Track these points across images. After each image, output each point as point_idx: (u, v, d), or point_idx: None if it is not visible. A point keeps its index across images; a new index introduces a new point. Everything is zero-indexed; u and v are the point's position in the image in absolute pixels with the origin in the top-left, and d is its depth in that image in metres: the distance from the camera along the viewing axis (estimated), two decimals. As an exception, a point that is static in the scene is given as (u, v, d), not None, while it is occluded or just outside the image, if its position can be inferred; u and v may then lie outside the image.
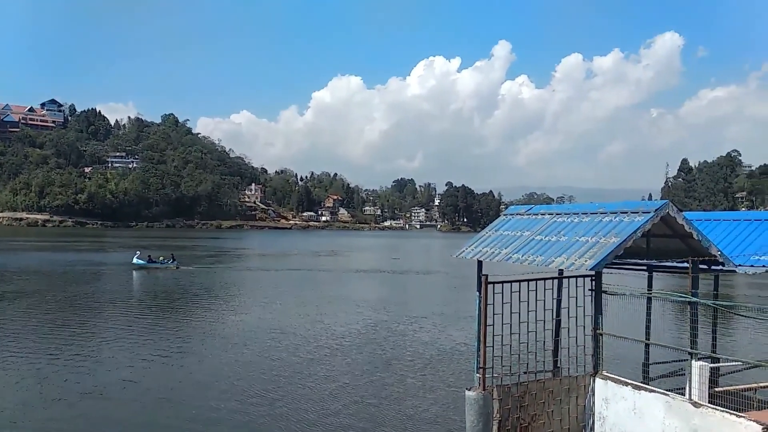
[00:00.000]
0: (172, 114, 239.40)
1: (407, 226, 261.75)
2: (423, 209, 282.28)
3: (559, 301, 9.41)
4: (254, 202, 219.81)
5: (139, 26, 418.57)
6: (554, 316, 9.34)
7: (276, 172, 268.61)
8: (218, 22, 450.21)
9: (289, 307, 28.16)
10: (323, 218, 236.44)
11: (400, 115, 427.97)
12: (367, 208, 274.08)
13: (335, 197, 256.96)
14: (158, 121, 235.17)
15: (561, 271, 8.93)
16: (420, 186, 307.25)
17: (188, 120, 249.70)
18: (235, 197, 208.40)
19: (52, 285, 35.07)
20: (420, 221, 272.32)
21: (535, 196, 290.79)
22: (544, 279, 8.66)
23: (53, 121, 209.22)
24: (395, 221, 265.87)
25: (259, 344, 19.87)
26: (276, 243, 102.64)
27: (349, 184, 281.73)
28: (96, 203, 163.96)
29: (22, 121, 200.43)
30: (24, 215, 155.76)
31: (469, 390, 8.38)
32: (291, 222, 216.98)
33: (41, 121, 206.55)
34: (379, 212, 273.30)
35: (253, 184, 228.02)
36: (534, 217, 9.66)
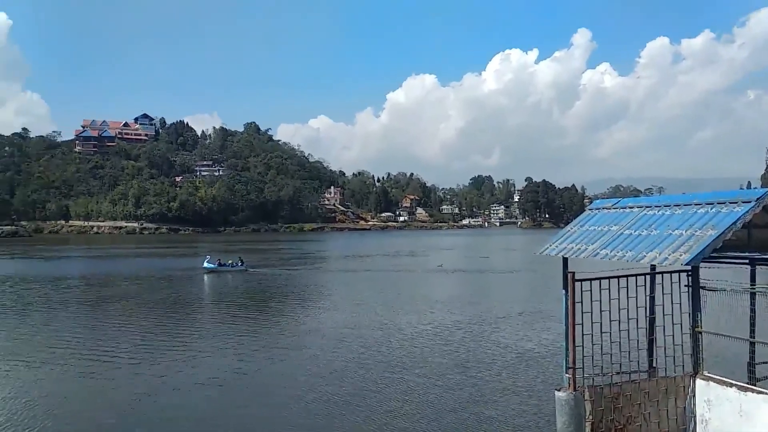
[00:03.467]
0: (253, 122, 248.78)
1: (486, 223, 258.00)
2: (502, 206, 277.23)
3: (652, 298, 8.97)
4: (334, 205, 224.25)
5: (221, 41, 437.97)
6: (647, 314, 8.91)
7: (353, 174, 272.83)
8: (295, 30, 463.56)
9: (367, 308, 28.47)
10: (401, 218, 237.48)
11: (476, 112, 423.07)
12: (444, 207, 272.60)
13: (412, 197, 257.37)
14: (241, 129, 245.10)
15: (653, 267, 8.51)
16: (498, 182, 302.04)
17: (270, 128, 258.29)
18: (316, 200, 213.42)
19: (145, 288, 37.40)
20: (499, 218, 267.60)
21: (621, 189, 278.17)
22: (636, 275, 8.28)
23: (146, 135, 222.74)
24: (474, 219, 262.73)
25: (335, 344, 20.27)
26: (355, 244, 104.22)
27: (425, 184, 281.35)
28: (187, 210, 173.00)
29: (118, 136, 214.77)
30: (123, 224, 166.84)
31: (559, 391, 8.15)
32: (370, 223, 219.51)
33: (135, 135, 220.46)
34: (456, 211, 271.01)
35: (332, 187, 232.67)
36: (622, 210, 9.26)
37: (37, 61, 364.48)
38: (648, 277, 8.79)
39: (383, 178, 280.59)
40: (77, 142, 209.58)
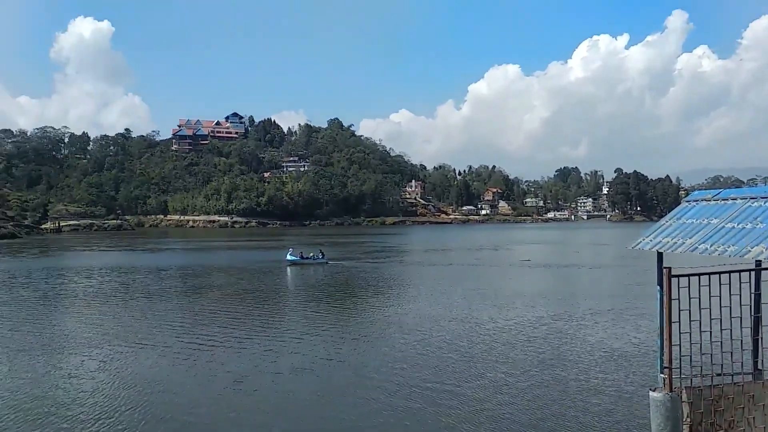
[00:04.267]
0: (337, 118, 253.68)
1: (573, 217, 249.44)
2: (590, 199, 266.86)
3: (758, 296, 8.35)
4: (415, 198, 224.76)
5: (305, 40, 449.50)
6: (752, 313, 8.31)
7: (434, 167, 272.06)
8: (375, 26, 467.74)
9: (448, 301, 28.31)
10: (483, 212, 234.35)
11: (562, 101, 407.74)
12: (528, 199, 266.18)
13: (494, 190, 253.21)
14: (325, 125, 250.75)
15: (759, 263, 7.92)
16: (586, 174, 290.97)
17: (352, 124, 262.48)
18: (397, 194, 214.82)
19: (236, 279, 39.12)
20: (587, 211, 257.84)
21: (721, 179, 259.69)
22: (740, 271, 7.76)
23: (236, 132, 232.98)
24: (559, 212, 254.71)
25: (415, 336, 20.29)
26: (436, 237, 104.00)
27: (508, 176, 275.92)
28: (275, 205, 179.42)
29: (211, 134, 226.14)
30: (216, 217, 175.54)
31: (654, 391, 7.79)
32: (451, 216, 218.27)
33: (226, 133, 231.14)
34: (541, 204, 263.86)
35: (413, 181, 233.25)
36: (723, 202, 8.66)
37: (137, 66, 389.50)
38: (753, 273, 8.20)
39: (464, 171, 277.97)
40: (174, 140, 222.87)
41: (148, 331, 21.53)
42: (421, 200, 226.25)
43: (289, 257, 48.01)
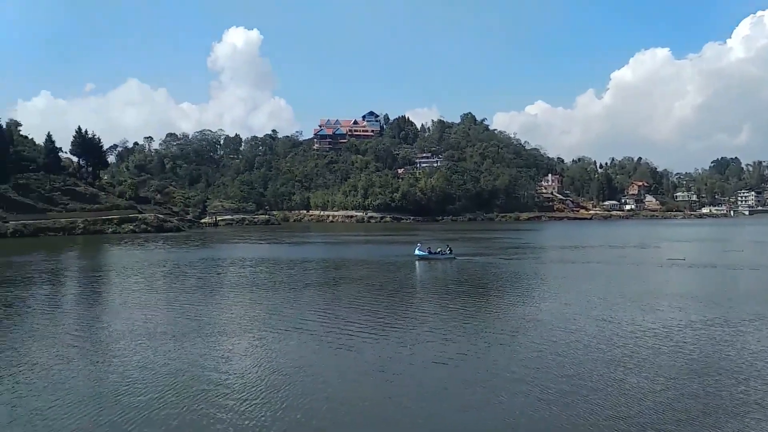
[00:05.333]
0: (470, 113, 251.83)
1: (732, 212, 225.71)
2: (752, 192, 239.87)
3: None
4: (551, 193, 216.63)
5: (437, 37, 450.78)
6: None
7: (573, 160, 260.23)
8: (509, 17, 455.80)
9: (585, 301, 27.18)
10: (627, 207, 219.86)
11: (720, 84, 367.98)
12: (678, 193, 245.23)
13: (640, 183, 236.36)
14: (458, 120, 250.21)
15: None
16: (748, 165, 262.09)
17: (485, 118, 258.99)
18: (532, 189, 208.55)
19: (370, 272, 40.51)
20: (749, 206, 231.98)
21: None
22: None
23: (372, 131, 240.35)
24: (716, 207, 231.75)
25: (549, 335, 19.91)
26: (574, 234, 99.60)
27: (656, 168, 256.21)
28: (408, 200, 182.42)
29: (349, 133, 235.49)
30: (353, 213, 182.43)
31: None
32: (591, 212, 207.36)
33: (363, 131, 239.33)
34: (694, 198, 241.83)
35: (550, 175, 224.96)
36: None
37: (282, 70, 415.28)
38: None
39: (606, 163, 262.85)
40: (315, 140, 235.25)
41: (294, 319, 23.23)
42: (558, 195, 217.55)
43: (417, 252, 48.86)
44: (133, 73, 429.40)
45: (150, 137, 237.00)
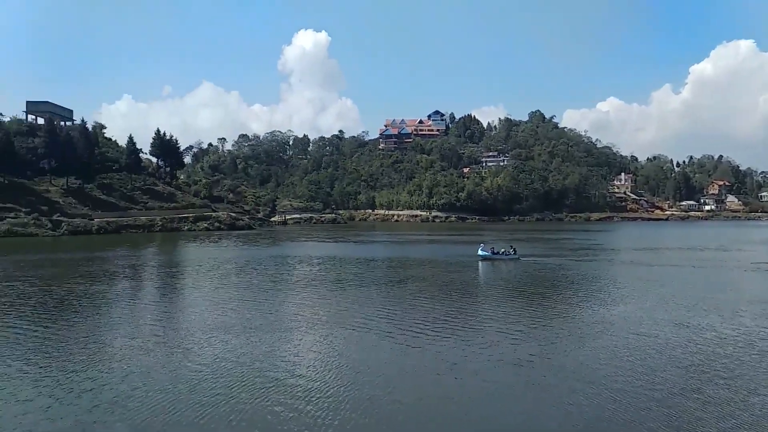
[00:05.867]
0: (538, 111, 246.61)
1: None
2: None
3: None
4: (624, 193, 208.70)
5: (505, 36, 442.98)
6: None
7: (648, 159, 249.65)
8: (578, 13, 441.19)
9: (659, 305, 26.04)
10: (706, 207, 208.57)
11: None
12: (764, 193, 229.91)
13: (721, 183, 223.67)
14: (525, 119, 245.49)
15: None
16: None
17: (554, 115, 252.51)
18: (604, 188, 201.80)
19: (434, 271, 40.40)
20: None
21: None
22: None
23: (437, 130, 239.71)
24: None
25: (618, 341, 19.21)
26: (649, 235, 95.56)
27: (738, 167, 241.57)
28: (474, 200, 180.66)
29: (414, 132, 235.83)
30: (418, 212, 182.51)
31: None
32: (667, 212, 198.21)
33: (428, 130, 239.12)
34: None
35: (623, 174, 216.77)
36: None
37: (349, 71, 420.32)
38: None
39: (684, 162, 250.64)
40: (381, 139, 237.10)
41: (360, 316, 23.56)
42: (631, 194, 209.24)
43: (480, 252, 48.35)
44: (208, 76, 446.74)
45: (223, 138, 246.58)
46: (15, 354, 17.58)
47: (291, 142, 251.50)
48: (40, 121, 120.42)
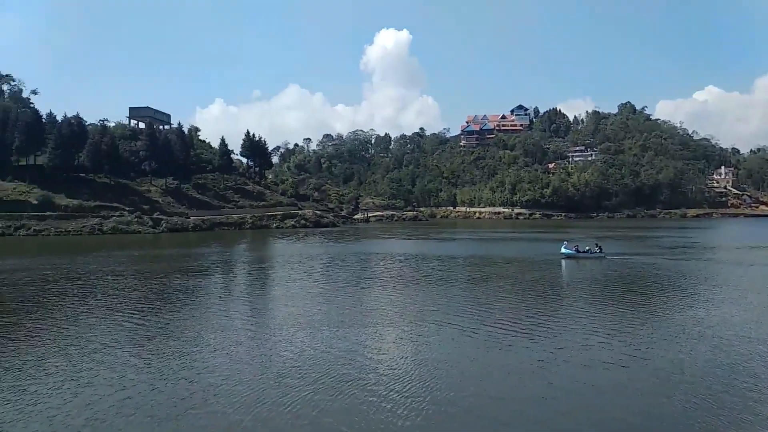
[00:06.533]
0: (628, 102, 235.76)
1: None
2: None
3: None
4: (725, 187, 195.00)
5: (593, 26, 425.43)
6: None
7: (751, 151, 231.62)
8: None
9: (764, 307, 24.43)
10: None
11: None
12: None
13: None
14: (615, 111, 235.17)
15: None
16: None
17: (646, 106, 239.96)
18: (701, 183, 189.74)
19: (515, 269, 39.63)
20: None
21: None
22: None
23: (521, 125, 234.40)
24: None
25: (717, 343, 18.13)
26: (753, 233, 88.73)
27: None
28: (559, 196, 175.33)
29: (496, 128, 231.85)
30: (501, 209, 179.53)
31: None
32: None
33: (511, 125, 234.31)
34: None
35: (723, 167, 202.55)
36: None
37: (429, 68, 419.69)
38: None
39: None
40: (462, 136, 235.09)
41: (442, 313, 23.59)
42: (732, 189, 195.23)
43: (564, 250, 46.99)
44: (294, 79, 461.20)
45: (308, 138, 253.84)
46: (120, 343, 19.09)
47: (373, 141, 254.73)
48: (142, 125, 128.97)
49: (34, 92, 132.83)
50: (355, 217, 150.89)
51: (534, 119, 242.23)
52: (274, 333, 20.49)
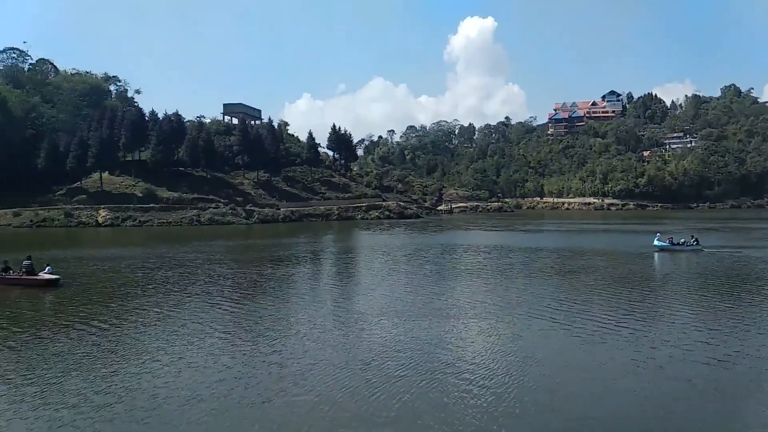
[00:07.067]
0: (732, 85, 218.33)
1: None
2: None
3: None
4: None
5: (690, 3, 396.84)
6: None
7: None
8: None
9: None
10: None
11: None
12: None
13: None
14: (717, 95, 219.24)
15: None
16: None
17: (752, 89, 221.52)
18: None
19: (605, 262, 38.04)
20: None
21: None
22: None
23: (613, 111, 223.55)
24: None
25: None
26: None
27: None
28: (655, 186, 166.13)
29: (586, 115, 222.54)
30: (591, 200, 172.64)
31: None
32: None
33: (602, 112, 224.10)
34: None
35: None
36: None
37: (515, 56, 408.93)
38: None
39: None
40: (550, 124, 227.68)
41: (528, 306, 23.15)
42: None
43: (656, 243, 44.69)
44: (378, 72, 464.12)
45: (392, 130, 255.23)
46: (215, 328, 20.23)
47: (456, 131, 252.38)
48: (235, 121, 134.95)
49: (138, 92, 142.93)
50: (439, 208, 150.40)
51: (627, 105, 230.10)
52: (360, 321, 20.99)
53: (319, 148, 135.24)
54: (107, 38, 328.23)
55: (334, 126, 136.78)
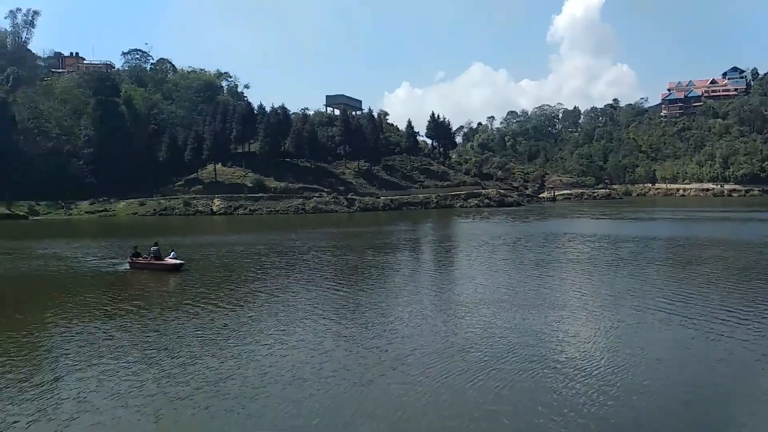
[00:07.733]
0: None
1: None
2: None
3: None
4: None
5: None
6: None
7: None
8: None
9: None
10: None
11: None
12: None
13: None
14: None
15: None
16: None
17: None
18: None
19: (728, 254, 35.23)
20: None
21: None
22: None
23: (735, 89, 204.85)
24: None
25: None
26: None
27: None
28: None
29: (704, 94, 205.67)
30: (709, 185, 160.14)
31: None
32: None
33: (723, 91, 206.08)
34: None
35: None
36: None
37: (624, 34, 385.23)
38: None
39: None
40: (663, 106, 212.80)
41: (636, 298, 22.12)
42: None
43: None
44: (478, 57, 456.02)
45: (492, 117, 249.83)
46: (319, 312, 21.11)
47: (560, 115, 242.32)
48: (337, 112, 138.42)
49: (247, 86, 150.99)
50: (541, 195, 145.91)
51: (752, 82, 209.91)
52: (460, 309, 21.10)
53: (417, 137, 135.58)
54: (215, 38, 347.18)
55: (432, 114, 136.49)
